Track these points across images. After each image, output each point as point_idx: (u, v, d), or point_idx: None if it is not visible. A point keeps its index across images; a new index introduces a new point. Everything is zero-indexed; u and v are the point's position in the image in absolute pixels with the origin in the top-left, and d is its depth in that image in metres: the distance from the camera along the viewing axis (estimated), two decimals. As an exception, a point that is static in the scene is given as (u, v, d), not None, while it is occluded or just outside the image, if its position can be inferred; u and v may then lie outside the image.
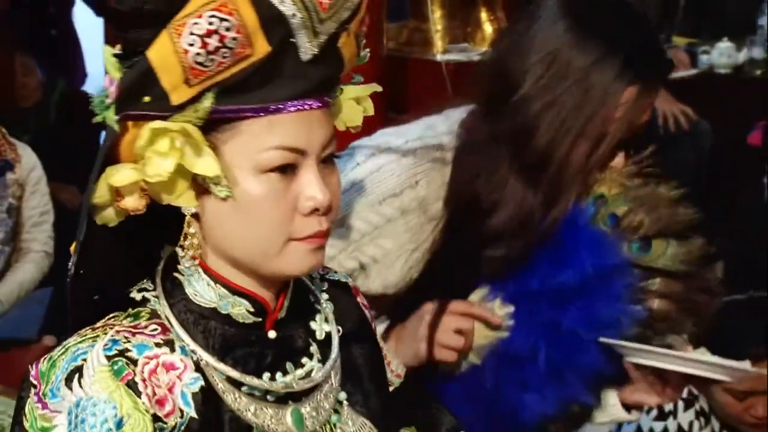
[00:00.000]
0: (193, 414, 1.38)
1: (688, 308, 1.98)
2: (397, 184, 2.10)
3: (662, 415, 3.05)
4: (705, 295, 2.00)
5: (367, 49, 1.54)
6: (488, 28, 5.09)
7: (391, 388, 1.71)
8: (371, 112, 1.56)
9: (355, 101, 1.53)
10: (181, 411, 1.38)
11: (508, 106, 2.02)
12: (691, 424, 3.02)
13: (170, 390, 1.38)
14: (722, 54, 5.98)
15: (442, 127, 2.18)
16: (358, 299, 1.69)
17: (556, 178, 2.04)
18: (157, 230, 1.47)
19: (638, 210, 1.97)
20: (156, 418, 1.35)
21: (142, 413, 1.35)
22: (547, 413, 1.95)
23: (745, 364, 2.03)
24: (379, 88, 1.57)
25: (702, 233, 5.13)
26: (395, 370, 1.74)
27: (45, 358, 1.40)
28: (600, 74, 2.03)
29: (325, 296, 1.62)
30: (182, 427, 1.38)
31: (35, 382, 1.38)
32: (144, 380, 1.36)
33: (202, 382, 1.40)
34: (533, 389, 1.93)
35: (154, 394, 1.36)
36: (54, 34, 7.36)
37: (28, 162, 4.96)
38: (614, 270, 1.92)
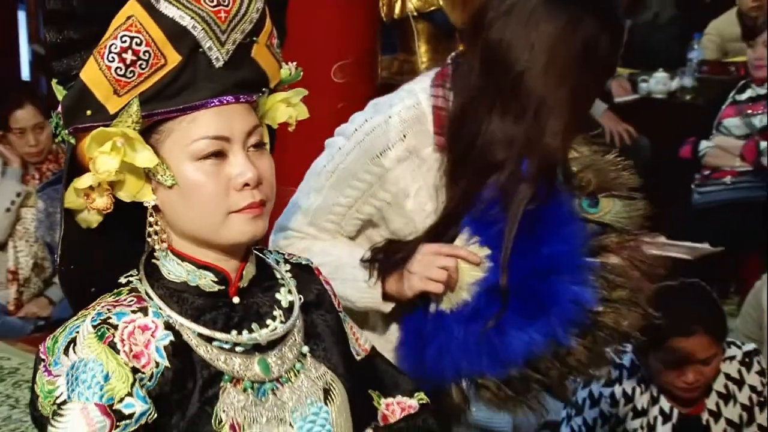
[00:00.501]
0: (167, 364, 1.43)
1: (639, 266, 2.02)
2: (388, 140, 2.16)
3: (610, 382, 3.10)
4: (655, 249, 2.06)
5: (299, 68, 1.60)
6: (465, 60, 5.12)
7: (358, 358, 1.75)
8: (304, 116, 1.61)
9: (284, 103, 1.56)
10: (156, 362, 1.43)
11: (510, 78, 2.06)
12: (633, 389, 3.08)
13: (146, 346, 1.43)
14: (658, 82, 6.06)
15: (417, 88, 2.23)
16: (321, 277, 1.74)
17: (562, 128, 2.08)
18: (138, 229, 1.52)
19: (587, 171, 2.02)
20: (135, 370, 1.40)
21: (122, 367, 1.39)
22: (533, 350, 1.96)
23: (705, 245, 2.17)
24: (305, 92, 1.60)
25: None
26: (363, 345, 1.78)
27: (50, 337, 1.46)
28: (600, 49, 2.08)
29: (288, 274, 1.66)
30: (158, 375, 1.43)
31: (43, 357, 1.44)
32: (122, 340, 1.41)
33: (171, 338, 1.45)
34: (516, 326, 1.96)
35: (131, 350, 1.41)
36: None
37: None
38: (574, 219, 1.99)
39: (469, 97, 2.13)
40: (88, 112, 1.39)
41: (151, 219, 1.46)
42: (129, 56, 1.35)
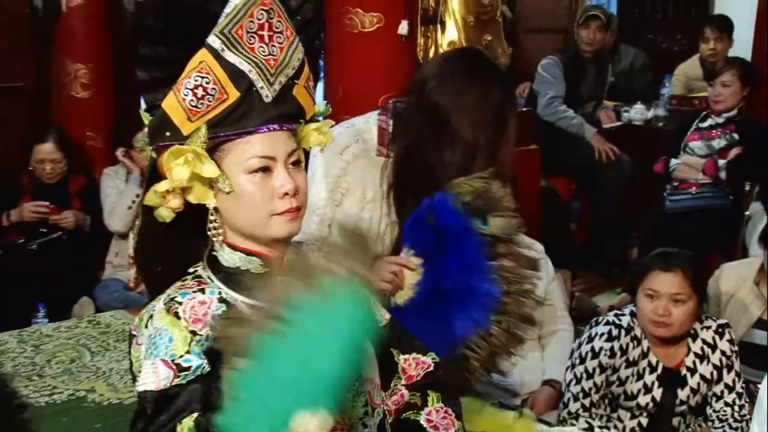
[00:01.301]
0: None
1: (523, 263, 2.11)
2: (346, 141, 2.36)
3: (610, 338, 3.09)
4: (532, 250, 2.21)
5: (329, 105, 1.65)
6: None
7: (381, 325, 1.73)
8: (331, 141, 1.64)
9: (316, 132, 1.58)
10: (211, 326, 1.45)
11: (446, 127, 2.27)
12: (627, 345, 3.05)
13: (204, 315, 1.45)
14: (637, 112, 6.15)
15: (369, 115, 2.46)
16: None
17: (480, 162, 2.28)
18: (199, 227, 1.53)
19: (479, 199, 2.10)
20: (193, 333, 1.43)
21: (182, 330, 1.43)
22: (465, 333, 2.05)
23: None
24: (332, 122, 1.65)
25: (623, 227, 5.46)
26: (384, 315, 1.77)
27: (137, 317, 1.52)
28: (503, 106, 2.34)
29: None
30: (213, 337, 1.43)
31: (134, 333, 1.51)
32: (185, 311, 1.44)
33: (224, 308, 1.47)
34: (451, 316, 2.09)
35: (191, 317, 1.44)
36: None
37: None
38: (473, 234, 2.08)
39: (413, 139, 2.34)
40: (167, 134, 1.44)
41: (211, 218, 1.50)
42: (200, 91, 1.41)
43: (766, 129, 5.16)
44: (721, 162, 4.97)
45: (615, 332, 3.06)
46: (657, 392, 3.03)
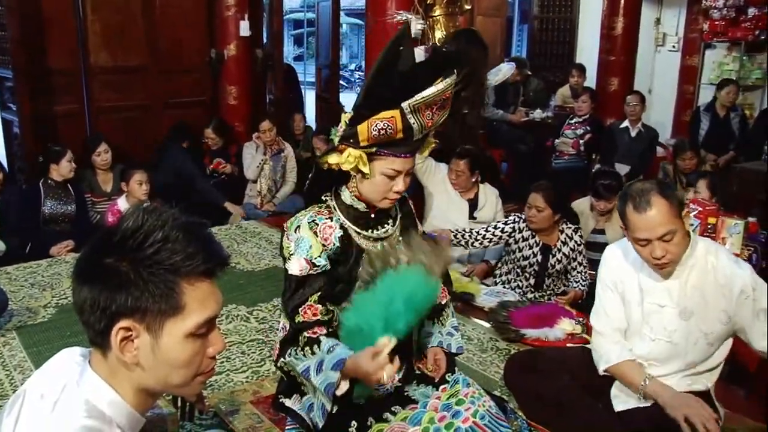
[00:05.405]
0: (338, 244, 1.39)
1: None
2: None
3: (514, 222, 2.98)
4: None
5: (434, 139, 1.47)
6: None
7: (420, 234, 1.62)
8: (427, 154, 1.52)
9: (426, 150, 1.47)
10: (334, 243, 1.38)
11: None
12: (523, 228, 2.97)
13: (330, 235, 1.39)
14: (537, 114, 6.00)
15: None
16: (409, 202, 1.62)
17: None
18: (335, 179, 1.45)
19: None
20: (323, 245, 1.36)
21: (318, 243, 1.37)
22: None
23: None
24: (434, 143, 1.48)
25: (530, 177, 4.51)
26: (420, 228, 1.64)
27: (289, 220, 1.44)
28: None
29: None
30: (335, 248, 1.38)
31: (285, 230, 1.43)
32: (319, 231, 1.38)
33: (341, 233, 1.41)
34: None
35: (323, 235, 1.38)
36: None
37: (288, 149, 4.83)
38: None
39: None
40: (351, 140, 1.37)
41: (352, 180, 1.44)
42: (383, 131, 1.33)
43: (603, 124, 5.30)
44: (581, 142, 5.13)
45: (518, 220, 3.11)
46: (539, 256, 3.08)
